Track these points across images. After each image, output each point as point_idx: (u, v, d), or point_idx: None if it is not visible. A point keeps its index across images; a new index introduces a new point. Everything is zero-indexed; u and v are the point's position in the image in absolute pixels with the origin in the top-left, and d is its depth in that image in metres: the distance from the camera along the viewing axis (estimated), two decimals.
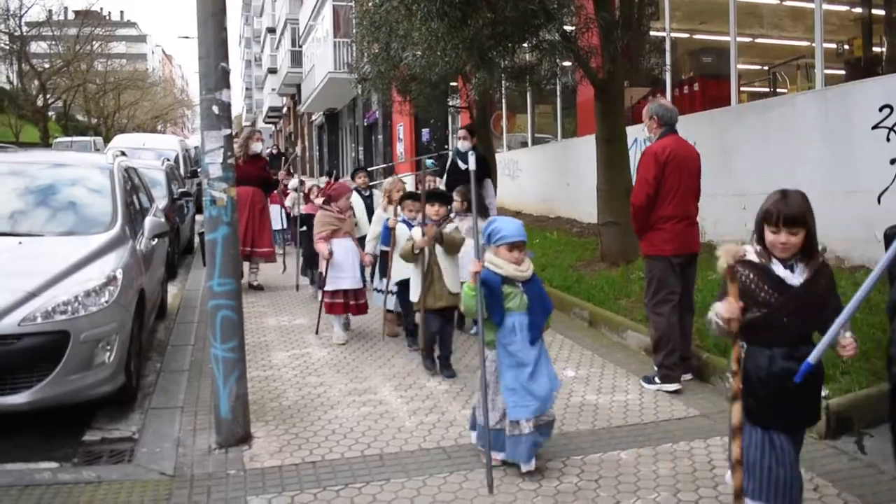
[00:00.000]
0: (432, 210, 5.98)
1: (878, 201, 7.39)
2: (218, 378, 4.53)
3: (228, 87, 4.45)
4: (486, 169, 9.37)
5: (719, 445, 4.35)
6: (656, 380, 5.43)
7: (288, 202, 12.69)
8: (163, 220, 7.50)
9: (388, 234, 6.52)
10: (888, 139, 7.33)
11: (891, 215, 7.07)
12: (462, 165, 9.24)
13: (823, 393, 4.58)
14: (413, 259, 5.88)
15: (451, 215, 6.29)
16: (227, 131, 4.44)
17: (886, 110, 7.35)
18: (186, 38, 63.92)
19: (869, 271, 7.03)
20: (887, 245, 4.56)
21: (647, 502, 3.71)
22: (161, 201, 10.50)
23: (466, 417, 4.90)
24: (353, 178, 12.57)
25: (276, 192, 11.87)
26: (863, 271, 7.11)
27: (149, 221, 6.89)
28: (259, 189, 9.80)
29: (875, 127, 7.46)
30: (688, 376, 5.51)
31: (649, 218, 5.42)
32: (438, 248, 5.81)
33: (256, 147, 9.88)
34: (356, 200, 8.05)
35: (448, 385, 5.59)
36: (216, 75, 4.38)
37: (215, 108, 4.39)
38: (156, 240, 7.09)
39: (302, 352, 6.66)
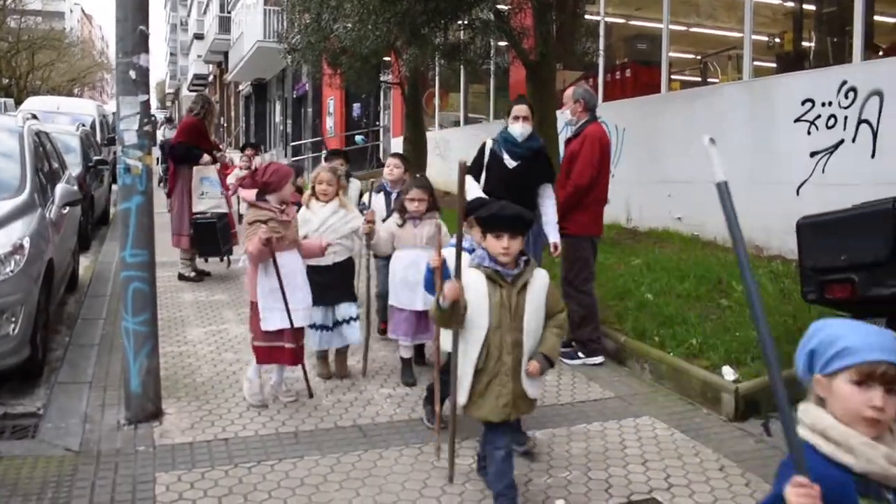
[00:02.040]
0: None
1: (797, 193, 7.71)
2: (128, 352, 4.49)
3: (147, 51, 4.38)
4: (549, 168, 5.73)
5: (631, 427, 4.52)
6: (580, 354, 5.65)
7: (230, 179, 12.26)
8: (76, 187, 7.33)
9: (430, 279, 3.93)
10: (809, 132, 7.65)
11: (808, 207, 7.38)
12: (509, 161, 5.54)
13: (732, 377, 4.81)
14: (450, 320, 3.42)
15: (396, 218, 5.24)
16: (145, 97, 4.38)
17: (808, 104, 7.66)
18: None
19: (785, 261, 7.37)
20: (798, 236, 4.82)
21: (558, 480, 3.84)
22: (75, 168, 10.23)
23: (384, 396, 4.99)
24: (242, 151, 12.12)
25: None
26: (779, 261, 7.41)
27: (60, 189, 6.73)
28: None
29: (797, 120, 7.77)
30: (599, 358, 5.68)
31: (583, 200, 5.66)
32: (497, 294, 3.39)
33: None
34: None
35: (367, 363, 5.63)
36: (134, 38, 4.30)
37: (132, 73, 4.33)
38: (67, 208, 6.93)
39: (219, 328, 6.62)
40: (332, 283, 5.18)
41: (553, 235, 5.57)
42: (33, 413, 4.86)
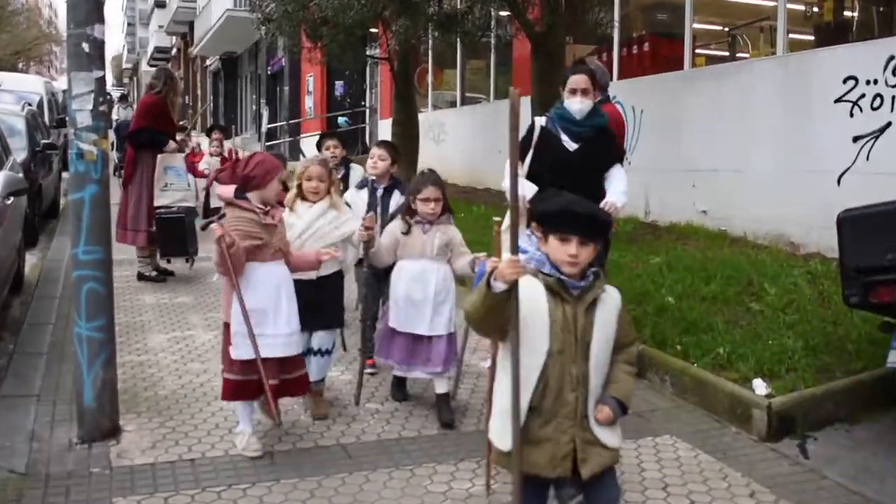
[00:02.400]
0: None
1: (839, 183, 7.73)
2: (81, 361, 4.48)
3: (102, 21, 4.37)
4: (617, 147, 5.69)
5: (651, 447, 4.53)
6: None
7: (202, 166, 12.09)
8: (21, 175, 7.32)
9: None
10: (851, 114, 7.67)
11: (850, 198, 7.40)
12: (569, 143, 5.30)
13: (765, 391, 4.82)
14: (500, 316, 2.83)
15: (405, 223, 4.85)
16: (100, 73, 4.37)
17: (851, 82, 7.68)
18: None
19: (825, 259, 7.39)
20: (839, 232, 4.83)
21: None
22: (20, 153, 10.20)
23: (370, 412, 4.99)
24: (209, 135, 11.97)
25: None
26: (818, 259, 7.43)
27: (3, 176, 6.72)
28: None
29: (838, 100, 7.79)
30: None
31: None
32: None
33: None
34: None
35: (351, 376, 5.63)
36: (87, 6, 4.29)
37: (85, 46, 4.31)
38: (11, 199, 6.91)
39: (184, 334, 6.62)
40: (313, 303, 4.64)
41: (615, 196, 5.23)
42: None
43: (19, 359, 5.99)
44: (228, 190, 4.36)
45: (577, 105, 5.24)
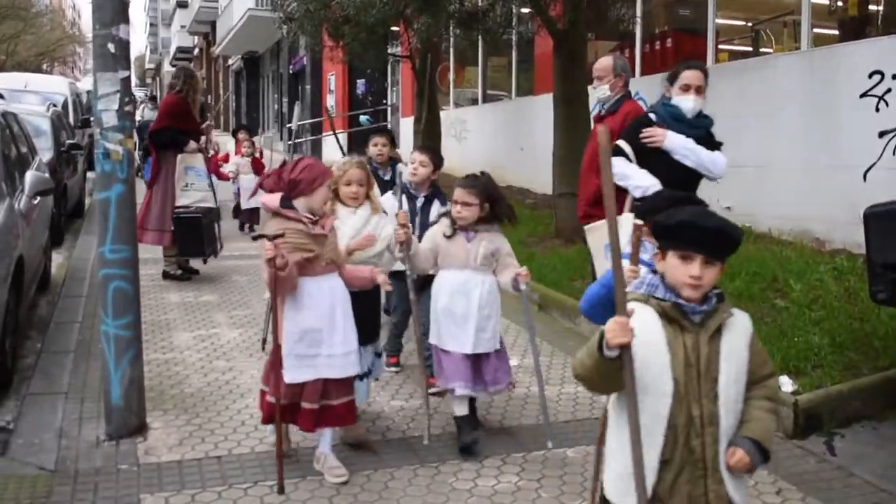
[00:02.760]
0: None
1: (864, 178, 7.66)
2: (109, 359, 4.52)
3: (127, 21, 4.42)
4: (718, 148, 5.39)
5: None
6: None
7: (229, 167, 11.77)
8: (47, 175, 7.39)
9: None
10: (877, 109, 7.59)
11: (876, 194, 7.34)
12: (665, 142, 4.97)
13: (791, 388, 4.79)
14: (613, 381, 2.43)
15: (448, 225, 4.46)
16: (125, 73, 4.41)
17: (877, 77, 7.60)
18: None
19: (851, 255, 7.34)
20: (866, 227, 4.79)
21: None
22: (46, 153, 10.30)
23: (395, 410, 5.00)
24: (234, 136, 11.89)
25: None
26: (844, 256, 7.37)
27: (30, 176, 6.79)
28: None
29: (864, 95, 7.71)
30: None
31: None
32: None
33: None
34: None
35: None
36: (113, 7, 4.33)
37: (111, 47, 4.35)
38: (38, 199, 6.98)
39: (209, 332, 6.66)
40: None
41: None
42: (2, 427, 4.90)
43: (47, 357, 6.05)
44: (273, 198, 4.01)
45: (690, 103, 5.04)
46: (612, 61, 5.78)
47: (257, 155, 11.89)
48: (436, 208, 5.22)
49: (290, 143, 20.29)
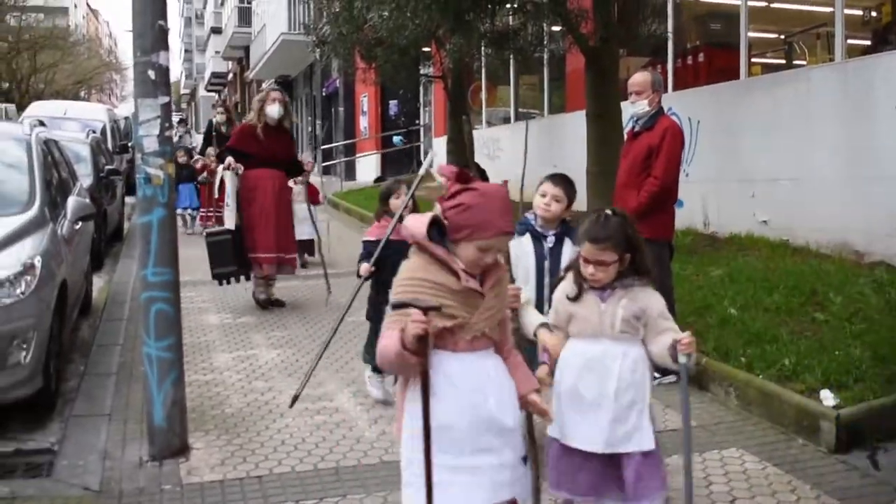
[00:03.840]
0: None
1: None
2: (151, 381, 4.58)
3: (167, 48, 4.50)
4: None
5: (717, 460, 4.48)
6: (656, 374, 5.54)
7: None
8: (88, 200, 7.51)
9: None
10: None
11: None
12: None
13: (832, 402, 4.74)
14: None
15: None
16: (165, 99, 4.49)
17: None
18: None
19: (891, 267, 7.26)
20: None
21: None
22: (86, 179, 10.48)
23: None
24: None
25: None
26: (883, 267, 7.29)
27: (72, 202, 6.90)
28: (283, 173, 8.41)
29: None
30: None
31: (667, 201, 5.79)
32: None
33: (276, 111, 8.18)
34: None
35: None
36: (153, 35, 4.42)
37: (151, 73, 4.44)
38: (80, 224, 7.10)
39: (248, 353, 6.72)
40: None
41: None
42: (47, 449, 4.98)
43: (90, 379, 6.13)
44: (420, 225, 2.74)
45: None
46: (651, 76, 5.86)
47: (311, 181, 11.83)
48: (567, 250, 4.23)
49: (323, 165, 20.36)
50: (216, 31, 51.61)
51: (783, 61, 11.19)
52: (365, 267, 4.87)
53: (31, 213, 6.03)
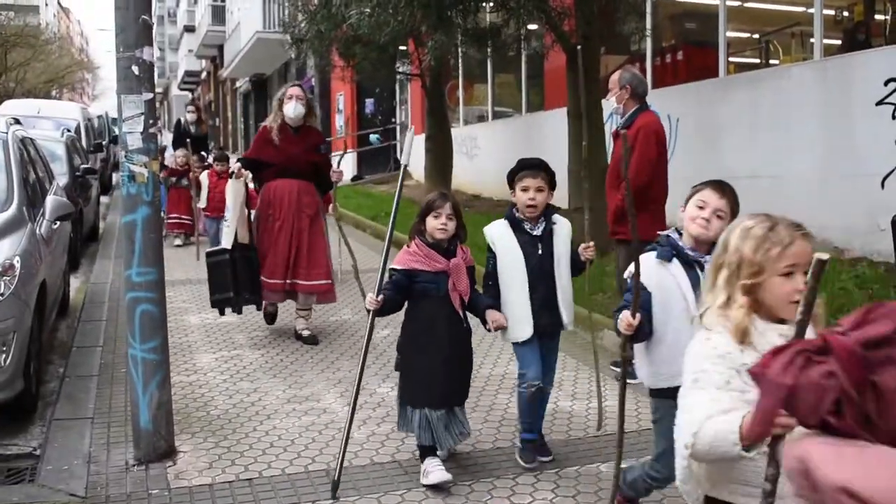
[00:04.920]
0: None
1: (882, 186, 7.61)
2: (136, 383, 4.47)
3: (151, 43, 4.40)
4: None
5: None
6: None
7: None
8: (67, 200, 7.37)
9: None
10: (893, 117, 7.55)
11: (895, 202, 7.30)
12: None
13: None
14: None
15: None
16: (149, 95, 4.39)
17: (892, 84, 7.57)
18: None
19: (872, 263, 7.27)
20: (895, 234, 4.74)
21: None
22: (61, 178, 10.29)
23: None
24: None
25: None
26: (865, 263, 7.31)
27: (51, 201, 6.76)
28: (309, 184, 6.96)
29: (880, 103, 7.67)
30: None
31: (641, 202, 5.64)
32: None
33: (292, 110, 6.81)
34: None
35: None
36: (136, 30, 4.31)
37: (135, 69, 4.33)
38: (57, 223, 6.96)
39: (231, 353, 6.61)
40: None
41: None
42: (29, 454, 4.88)
43: (70, 382, 6.00)
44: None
45: None
46: (619, 74, 5.91)
47: None
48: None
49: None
50: (189, 29, 51.11)
51: (758, 60, 11.23)
52: (370, 298, 4.07)
53: (8, 212, 5.90)
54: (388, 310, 4.18)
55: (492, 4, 9.52)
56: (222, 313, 6.91)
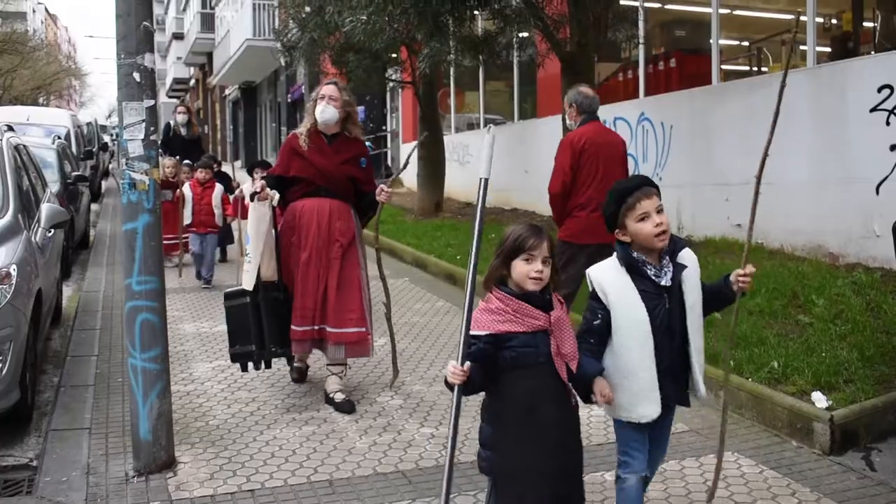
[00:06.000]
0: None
1: (877, 192, 7.61)
2: (137, 393, 4.42)
3: (152, 50, 4.36)
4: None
5: (713, 465, 4.41)
6: None
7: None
8: (62, 208, 7.31)
9: None
10: (888, 123, 7.56)
11: (891, 207, 7.31)
12: None
13: (825, 404, 4.71)
14: None
15: None
16: (151, 102, 4.35)
17: (886, 91, 7.58)
18: None
19: (867, 269, 7.27)
20: None
21: None
22: (53, 186, 10.22)
23: (426, 437, 4.90)
24: (251, 173, 9.16)
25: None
26: (860, 270, 7.31)
27: (46, 209, 6.72)
28: (345, 205, 5.62)
29: (874, 109, 7.68)
30: None
31: (566, 206, 6.13)
32: None
33: (321, 113, 5.48)
34: None
35: (402, 400, 5.56)
36: (138, 36, 4.27)
37: (136, 76, 4.29)
38: (52, 231, 6.90)
39: (228, 363, 6.50)
40: None
41: None
42: (26, 465, 4.82)
43: (66, 391, 5.93)
44: None
45: None
46: (567, 95, 6.41)
47: None
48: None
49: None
50: (178, 36, 50.96)
51: (746, 67, 11.26)
52: (454, 368, 2.96)
53: (4, 220, 5.85)
54: (474, 388, 3.07)
55: (487, 12, 9.50)
56: (244, 369, 5.60)
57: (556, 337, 3.09)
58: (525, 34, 11.46)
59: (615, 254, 3.36)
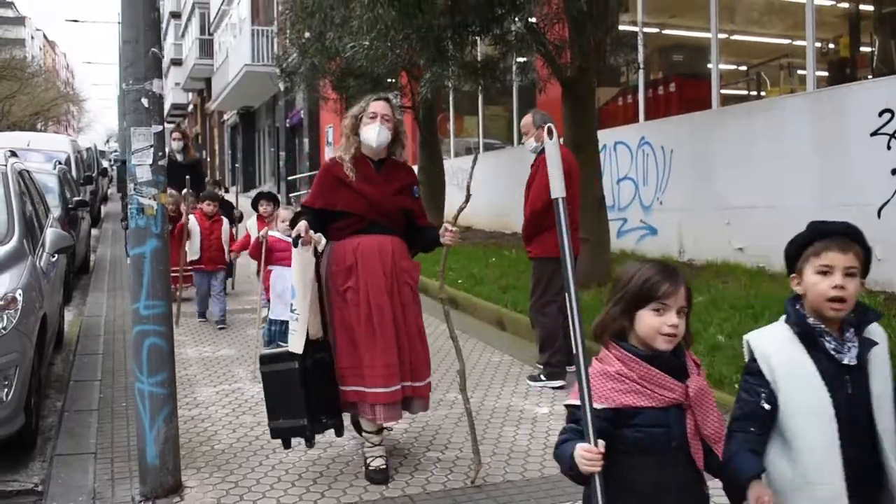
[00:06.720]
0: None
1: (878, 215, 7.65)
2: (144, 417, 4.41)
3: (160, 76, 4.39)
4: None
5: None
6: (542, 377, 6.42)
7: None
8: (65, 233, 7.33)
9: None
10: (889, 147, 7.61)
11: (892, 231, 7.34)
12: None
13: None
14: None
15: None
16: (159, 128, 4.37)
17: (887, 115, 7.64)
18: (75, 21, 62.53)
19: (870, 292, 7.29)
20: None
21: None
22: (54, 211, 10.25)
23: (432, 461, 4.89)
24: (255, 207, 8.49)
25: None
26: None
27: (51, 234, 6.72)
28: (403, 241, 4.82)
29: (874, 134, 7.74)
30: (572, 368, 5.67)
31: (542, 223, 6.28)
32: None
33: (375, 135, 4.69)
34: None
35: (407, 423, 5.55)
36: (146, 62, 4.30)
37: (145, 101, 4.32)
38: (55, 256, 6.91)
39: (232, 387, 6.55)
40: None
41: None
42: (31, 490, 4.80)
43: (70, 416, 5.92)
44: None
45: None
46: (532, 117, 6.58)
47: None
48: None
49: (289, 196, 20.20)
50: (176, 62, 51.23)
51: (746, 91, 11.33)
52: (587, 452, 2.28)
53: (9, 245, 5.85)
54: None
55: (489, 38, 9.57)
56: (287, 446, 4.73)
57: (698, 413, 2.45)
58: (525, 59, 11.54)
59: (783, 317, 2.62)
